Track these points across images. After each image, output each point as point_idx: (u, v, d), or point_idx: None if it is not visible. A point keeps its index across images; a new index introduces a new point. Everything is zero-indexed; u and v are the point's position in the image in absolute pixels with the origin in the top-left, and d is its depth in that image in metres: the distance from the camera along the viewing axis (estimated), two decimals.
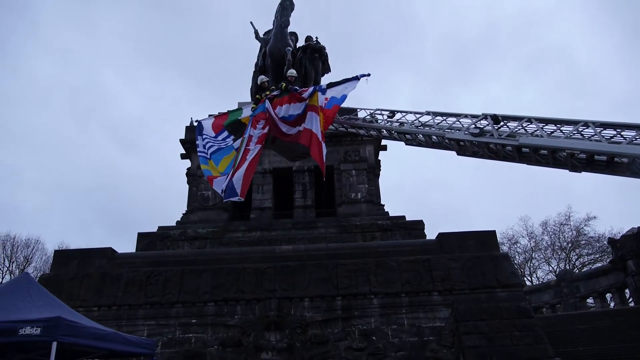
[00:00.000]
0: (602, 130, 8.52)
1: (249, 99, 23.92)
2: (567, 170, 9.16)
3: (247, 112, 14.00)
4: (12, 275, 45.34)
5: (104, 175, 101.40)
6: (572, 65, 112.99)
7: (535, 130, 9.54)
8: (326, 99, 12.90)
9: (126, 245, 74.27)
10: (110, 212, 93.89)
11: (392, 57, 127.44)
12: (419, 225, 18.56)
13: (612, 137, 8.39)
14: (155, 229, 19.13)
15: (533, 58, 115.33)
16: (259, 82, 15.12)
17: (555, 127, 9.35)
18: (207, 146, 13.63)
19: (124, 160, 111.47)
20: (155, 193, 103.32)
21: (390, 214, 19.78)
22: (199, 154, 13.69)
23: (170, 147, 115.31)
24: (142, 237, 18.60)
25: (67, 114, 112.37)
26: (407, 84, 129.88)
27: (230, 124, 13.97)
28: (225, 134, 13.81)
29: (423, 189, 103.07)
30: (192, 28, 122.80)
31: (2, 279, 45.52)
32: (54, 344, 6.34)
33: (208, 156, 13.48)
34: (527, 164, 9.97)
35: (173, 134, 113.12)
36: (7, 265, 47.21)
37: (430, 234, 17.03)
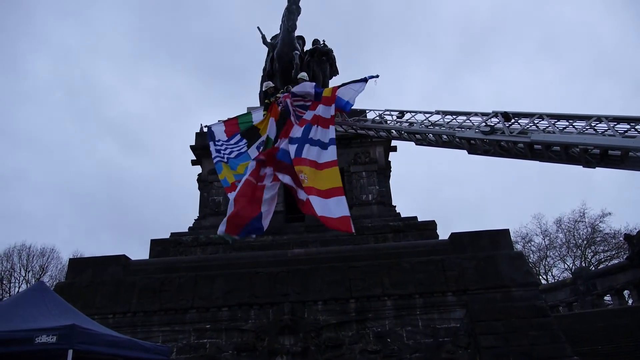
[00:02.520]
0: (615, 125, 8.38)
1: (256, 97, 24.07)
2: (581, 166, 9.04)
3: (257, 117, 13.96)
4: (28, 284, 45.89)
5: (108, 176, 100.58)
6: (591, 44, 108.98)
7: (547, 127, 9.42)
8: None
9: (135, 247, 74.48)
10: (116, 214, 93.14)
11: (404, 43, 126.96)
12: (431, 225, 18.43)
13: (626, 132, 8.25)
14: (164, 231, 19.30)
15: (550, 38, 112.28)
16: (264, 88, 15.16)
17: (567, 123, 9.22)
18: (223, 149, 13.54)
19: (127, 160, 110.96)
20: (162, 192, 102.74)
21: (402, 215, 19.67)
22: (214, 160, 13.49)
23: (175, 145, 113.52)
24: (155, 243, 18.70)
25: (66, 113, 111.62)
26: (420, 70, 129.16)
27: (243, 128, 13.93)
28: (238, 137, 13.72)
29: (437, 185, 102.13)
30: (193, 19, 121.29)
31: (19, 288, 46.12)
32: (70, 352, 6.39)
33: (225, 160, 13.39)
34: (540, 161, 9.85)
35: (177, 131, 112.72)
36: (23, 275, 47.88)
37: (444, 229, 16.89)
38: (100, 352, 7.28)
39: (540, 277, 45.46)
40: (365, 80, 13.56)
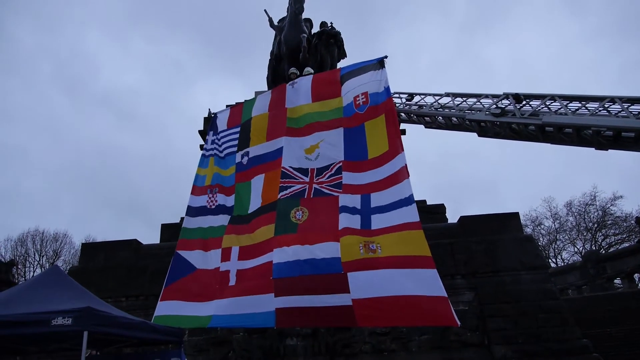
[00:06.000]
0: (629, 106, 8.25)
1: (261, 76, 23.92)
2: (594, 149, 8.94)
3: (257, 110, 11.72)
4: (42, 268, 46.68)
5: (105, 151, 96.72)
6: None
7: (559, 108, 9.30)
8: (363, 101, 9.86)
9: (138, 225, 73.83)
10: (117, 191, 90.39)
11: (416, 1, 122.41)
12: (440, 209, 18.37)
13: (639, 113, 8.13)
14: (166, 208, 19.52)
15: None
16: (288, 73, 14.92)
17: (579, 104, 9.09)
18: (219, 141, 11.22)
19: (124, 134, 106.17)
20: (163, 168, 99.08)
21: None
22: (204, 151, 10.73)
23: (175, 118, 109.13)
24: (165, 228, 18.90)
25: (55, 87, 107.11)
26: (433, 30, 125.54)
27: (243, 120, 11.85)
28: (238, 129, 11.37)
29: (449, 161, 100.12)
30: None
31: (34, 272, 46.93)
32: (85, 333, 6.49)
33: (218, 155, 10.78)
34: (551, 143, 9.75)
35: (178, 102, 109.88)
36: (38, 259, 48.68)
37: (454, 208, 17.03)
38: (115, 333, 7.40)
39: (550, 260, 45.36)
40: (376, 64, 13.12)
